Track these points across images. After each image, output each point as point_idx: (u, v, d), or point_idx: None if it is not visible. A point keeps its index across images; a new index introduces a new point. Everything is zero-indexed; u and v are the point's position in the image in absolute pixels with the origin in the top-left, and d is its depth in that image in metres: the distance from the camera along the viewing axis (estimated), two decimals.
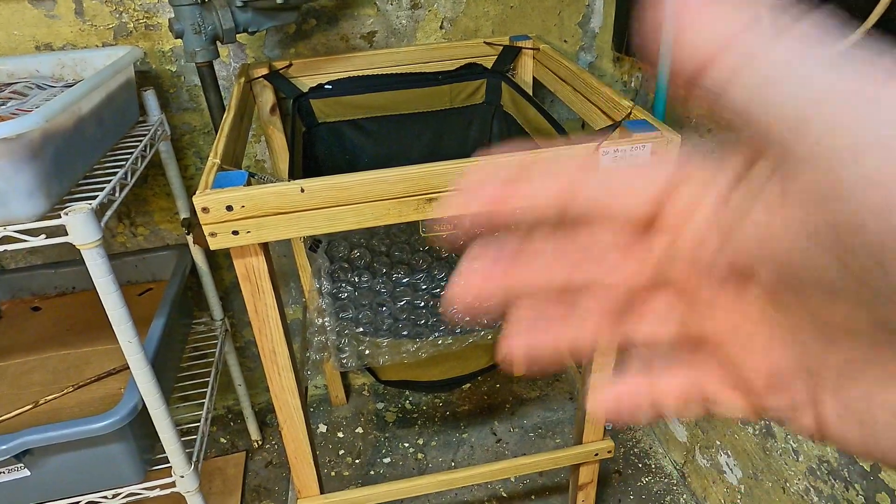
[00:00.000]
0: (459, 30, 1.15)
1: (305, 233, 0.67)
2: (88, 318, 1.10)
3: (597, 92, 0.83)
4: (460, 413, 1.46)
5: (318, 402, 1.51)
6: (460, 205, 0.19)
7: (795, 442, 0.90)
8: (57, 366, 1.00)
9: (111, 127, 0.89)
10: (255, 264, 0.69)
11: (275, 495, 1.29)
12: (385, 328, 0.93)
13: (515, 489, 1.28)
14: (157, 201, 1.19)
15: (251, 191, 0.62)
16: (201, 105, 1.12)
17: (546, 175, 0.19)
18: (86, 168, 0.82)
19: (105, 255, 0.72)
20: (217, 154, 0.69)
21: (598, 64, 1.24)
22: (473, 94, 1.10)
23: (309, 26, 1.10)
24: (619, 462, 1.32)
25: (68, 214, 0.68)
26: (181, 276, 1.09)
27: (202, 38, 0.87)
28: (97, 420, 0.79)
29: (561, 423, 1.42)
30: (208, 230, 0.63)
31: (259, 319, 0.74)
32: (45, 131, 0.69)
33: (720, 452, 1.11)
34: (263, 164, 1.21)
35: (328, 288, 0.87)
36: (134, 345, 0.78)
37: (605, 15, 1.18)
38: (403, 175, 0.65)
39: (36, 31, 1.00)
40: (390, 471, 1.33)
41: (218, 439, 1.43)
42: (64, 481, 0.86)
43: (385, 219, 0.67)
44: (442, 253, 0.88)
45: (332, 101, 1.06)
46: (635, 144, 0.68)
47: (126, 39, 1.04)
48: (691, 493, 1.23)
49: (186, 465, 0.90)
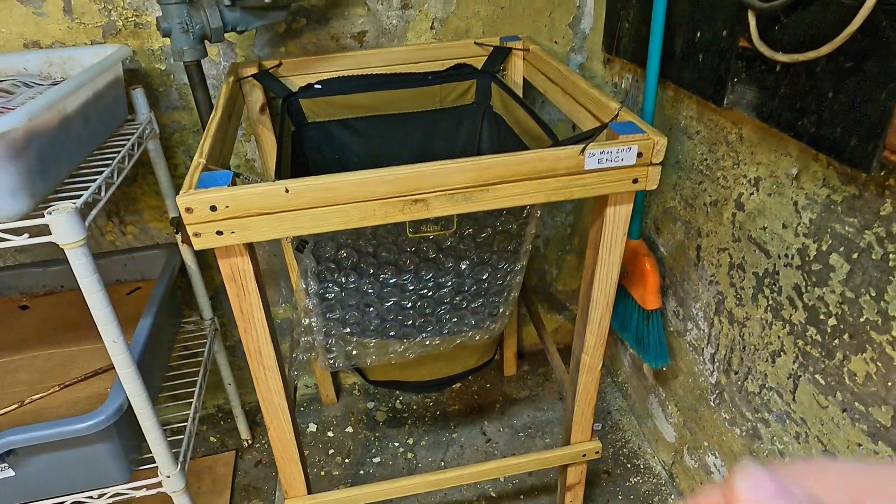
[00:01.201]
0: (450, 30, 1.15)
1: (291, 233, 0.66)
2: (76, 318, 1.09)
3: (585, 93, 0.83)
4: (450, 413, 1.46)
5: (308, 402, 1.51)
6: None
7: (781, 444, 0.90)
8: (43, 365, 1.00)
9: (98, 125, 0.89)
10: (240, 265, 0.69)
11: (264, 494, 1.29)
12: (372, 329, 0.93)
13: (505, 489, 1.28)
14: (146, 200, 1.19)
15: (236, 191, 0.62)
16: (191, 104, 1.12)
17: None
18: (72, 167, 0.82)
19: (89, 254, 0.72)
20: (203, 154, 0.69)
21: (588, 65, 1.25)
22: (463, 94, 1.09)
23: (299, 25, 1.10)
24: (608, 462, 1.32)
25: (52, 214, 0.68)
26: (170, 275, 1.09)
27: (190, 37, 0.87)
28: (82, 420, 0.79)
29: (550, 424, 1.42)
30: (192, 230, 0.63)
31: (244, 320, 0.73)
32: (29, 129, 0.69)
33: (708, 453, 1.11)
34: (253, 164, 1.21)
35: (315, 288, 0.87)
36: (119, 344, 0.78)
37: (596, 17, 1.18)
38: (389, 176, 0.65)
39: (24, 28, 1.00)
40: (380, 470, 1.33)
41: (208, 438, 1.42)
42: (49, 481, 0.85)
43: (371, 219, 0.67)
44: (429, 254, 0.88)
45: (321, 100, 1.05)
46: (621, 147, 0.68)
47: (115, 38, 1.03)
48: (679, 494, 1.23)
49: (173, 465, 0.90)
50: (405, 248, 0.86)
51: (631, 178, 0.70)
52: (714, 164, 0.95)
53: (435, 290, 0.90)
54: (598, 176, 0.69)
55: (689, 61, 0.89)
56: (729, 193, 0.93)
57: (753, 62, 0.77)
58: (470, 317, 0.95)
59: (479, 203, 0.68)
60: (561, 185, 0.69)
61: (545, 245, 1.46)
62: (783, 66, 0.71)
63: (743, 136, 0.87)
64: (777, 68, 0.72)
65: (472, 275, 0.91)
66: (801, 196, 0.77)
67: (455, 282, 0.91)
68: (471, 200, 0.68)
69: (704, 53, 0.85)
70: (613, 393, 1.50)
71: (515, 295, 0.98)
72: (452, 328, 0.95)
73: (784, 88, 0.71)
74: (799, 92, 0.69)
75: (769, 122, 0.75)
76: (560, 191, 0.69)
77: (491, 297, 0.95)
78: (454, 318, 0.94)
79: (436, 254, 0.88)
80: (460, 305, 0.93)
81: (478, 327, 0.97)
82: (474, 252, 0.89)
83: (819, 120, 0.67)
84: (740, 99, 0.80)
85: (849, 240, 0.71)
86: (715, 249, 0.98)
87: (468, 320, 0.95)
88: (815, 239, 0.76)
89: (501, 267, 0.92)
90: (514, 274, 0.94)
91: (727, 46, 0.80)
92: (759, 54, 0.73)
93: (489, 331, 0.98)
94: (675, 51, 0.92)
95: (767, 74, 0.74)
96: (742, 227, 0.91)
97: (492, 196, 0.68)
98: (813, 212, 0.76)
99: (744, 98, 0.80)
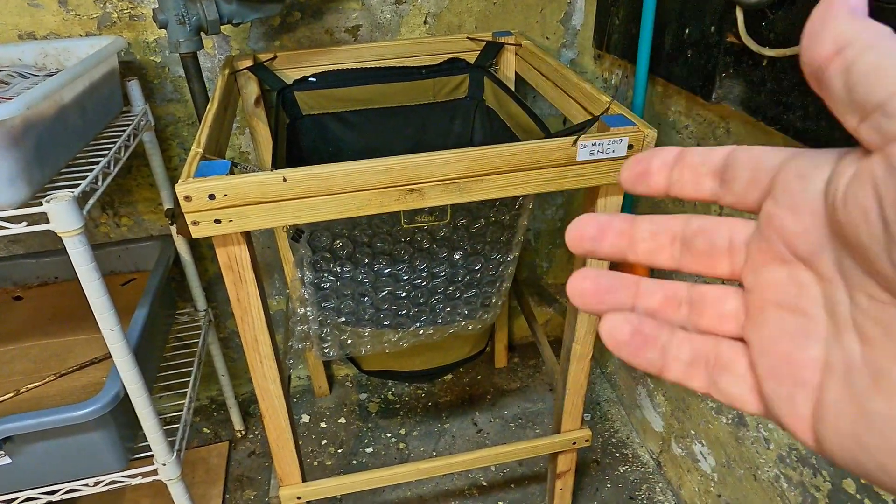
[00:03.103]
0: (443, 25, 1.16)
1: (287, 222, 0.68)
2: (71, 308, 1.10)
3: (576, 87, 0.85)
4: (442, 404, 1.48)
5: (301, 393, 1.52)
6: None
7: (766, 431, 0.92)
8: (39, 355, 1.00)
9: (94, 116, 0.89)
10: (237, 253, 0.70)
11: (257, 484, 1.30)
12: (367, 318, 0.94)
13: (495, 478, 1.30)
14: (140, 192, 1.19)
15: (234, 180, 0.63)
16: (186, 96, 1.12)
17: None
18: (68, 156, 0.82)
19: (87, 243, 0.73)
20: (200, 144, 0.70)
21: (578, 61, 1.26)
22: (456, 88, 1.11)
23: (293, 19, 1.10)
24: (596, 451, 1.34)
25: (50, 202, 0.69)
26: (164, 266, 1.09)
27: (186, 29, 0.88)
28: (79, 408, 0.80)
29: (541, 414, 1.44)
30: (190, 219, 0.64)
31: (241, 308, 0.74)
32: (26, 119, 0.69)
33: (695, 441, 1.13)
34: (248, 156, 1.22)
35: (310, 278, 0.88)
36: (116, 333, 0.79)
37: (587, 13, 1.20)
38: (385, 166, 0.66)
39: (19, 19, 1.00)
40: (373, 460, 1.34)
41: (201, 429, 1.43)
42: (45, 469, 0.86)
43: (367, 209, 0.68)
44: (423, 244, 0.89)
45: (316, 93, 1.06)
46: (612, 139, 0.70)
47: (110, 29, 1.04)
48: (667, 482, 1.26)
49: (168, 454, 0.91)
50: (400, 238, 0.88)
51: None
52: None
53: (429, 280, 0.92)
54: (589, 167, 0.71)
55: (678, 57, 0.91)
56: None
57: (741, 57, 0.78)
58: (463, 306, 0.97)
59: (473, 193, 0.69)
60: (553, 175, 0.70)
61: (536, 238, 1.48)
62: (770, 60, 0.73)
63: (730, 131, 0.89)
64: (764, 63, 0.74)
65: (465, 265, 0.93)
66: None
67: (449, 272, 0.92)
68: (465, 190, 0.69)
69: (693, 49, 0.87)
70: (602, 384, 1.52)
71: (507, 285, 0.99)
72: (446, 318, 0.96)
73: (771, 83, 0.73)
74: (785, 86, 0.71)
75: (756, 115, 0.77)
76: (552, 181, 0.71)
77: (484, 288, 0.96)
78: (447, 308, 0.95)
79: (430, 244, 0.89)
80: (454, 295, 0.95)
81: (470, 317, 0.98)
82: (468, 242, 0.91)
83: (805, 114, 0.69)
84: (728, 93, 0.82)
85: None
86: None
87: (461, 310, 0.97)
88: None
89: (494, 257, 0.94)
90: (507, 265, 0.96)
91: (715, 42, 0.82)
92: (747, 49, 0.75)
93: (482, 320, 1.00)
94: (664, 46, 0.94)
95: (754, 69, 0.76)
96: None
97: (486, 186, 0.69)
98: None
99: (731, 93, 0.82)
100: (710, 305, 0.22)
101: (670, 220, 0.23)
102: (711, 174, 0.21)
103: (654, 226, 0.22)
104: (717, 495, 1.09)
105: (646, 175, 0.22)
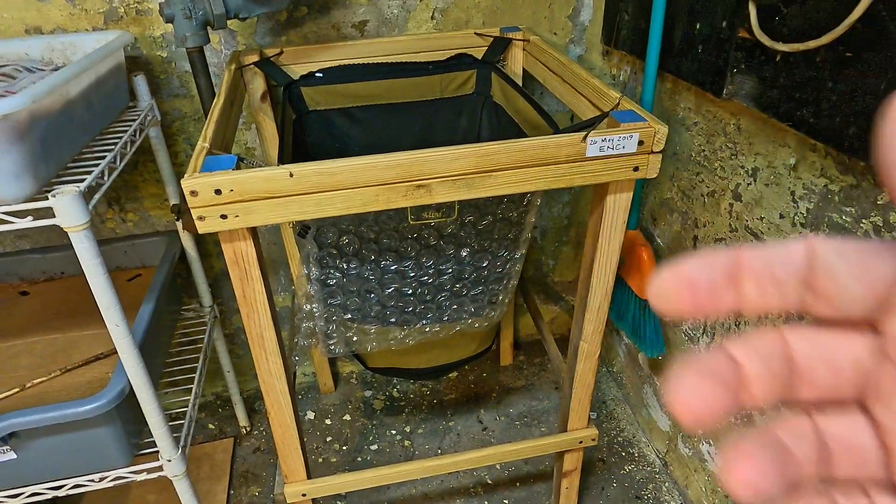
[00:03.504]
0: (450, 20, 1.15)
1: (294, 218, 0.67)
2: (76, 303, 1.10)
3: (585, 83, 0.84)
4: (447, 401, 1.47)
5: (306, 390, 1.52)
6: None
7: None
8: (44, 350, 1.00)
9: (100, 111, 0.89)
10: (243, 249, 0.70)
11: (262, 480, 1.30)
12: (373, 315, 0.94)
13: (501, 476, 1.29)
14: (146, 187, 1.19)
15: (240, 175, 0.62)
16: (192, 91, 1.12)
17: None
18: (74, 151, 0.82)
19: (93, 238, 0.72)
20: (206, 138, 0.69)
21: (586, 57, 1.25)
22: (464, 84, 1.10)
23: (300, 14, 1.10)
24: (602, 450, 1.34)
25: (56, 196, 0.68)
26: (170, 262, 1.09)
27: (193, 24, 0.87)
28: (84, 403, 0.80)
29: (546, 413, 1.43)
30: (197, 214, 0.64)
31: (247, 304, 0.74)
32: (32, 113, 0.69)
33: (702, 441, 1.12)
34: (254, 152, 1.21)
35: (317, 274, 0.88)
36: (122, 328, 0.78)
37: (595, 8, 1.19)
38: (392, 161, 0.65)
39: (26, 14, 1.00)
40: (377, 457, 1.34)
41: (206, 425, 1.43)
42: (51, 464, 0.86)
43: (374, 205, 0.68)
44: (430, 241, 0.88)
45: (322, 89, 1.06)
46: (623, 134, 0.69)
47: (117, 24, 1.03)
48: (673, 482, 1.25)
49: (174, 450, 0.91)
50: (407, 235, 0.87)
51: (632, 167, 0.71)
52: (712, 154, 0.96)
53: (435, 277, 0.91)
54: (599, 163, 0.70)
55: (688, 52, 0.90)
56: (726, 184, 0.94)
57: (753, 53, 0.77)
58: (469, 304, 0.96)
59: (481, 189, 0.69)
60: (562, 172, 0.69)
61: (542, 236, 1.47)
62: (783, 56, 0.72)
63: (741, 127, 0.88)
64: (776, 59, 0.73)
65: (472, 262, 0.92)
66: (799, 186, 0.78)
67: (455, 269, 0.91)
68: (473, 187, 0.68)
69: (704, 44, 0.86)
70: (608, 383, 1.51)
71: (514, 283, 0.99)
72: (452, 315, 0.96)
73: (783, 79, 0.72)
74: (798, 82, 0.70)
75: (768, 112, 0.76)
76: (561, 178, 0.70)
77: (490, 285, 0.96)
78: (454, 305, 0.95)
79: (437, 241, 0.88)
80: (460, 292, 0.94)
81: (477, 314, 0.97)
82: (475, 239, 0.90)
83: (818, 110, 0.68)
84: (739, 90, 0.81)
85: (846, 229, 0.72)
86: (712, 240, 0.99)
87: (468, 307, 0.96)
88: (812, 228, 0.77)
89: (501, 255, 0.93)
90: (514, 262, 0.95)
91: (727, 37, 0.80)
92: (759, 44, 0.74)
93: (488, 318, 0.99)
94: (673, 42, 0.93)
95: (767, 65, 0.75)
96: (739, 218, 0.92)
97: (494, 182, 0.69)
98: (810, 202, 0.77)
99: (742, 89, 0.81)
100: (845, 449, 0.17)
101: (765, 343, 0.18)
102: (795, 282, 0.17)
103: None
104: (725, 496, 1.08)
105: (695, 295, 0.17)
